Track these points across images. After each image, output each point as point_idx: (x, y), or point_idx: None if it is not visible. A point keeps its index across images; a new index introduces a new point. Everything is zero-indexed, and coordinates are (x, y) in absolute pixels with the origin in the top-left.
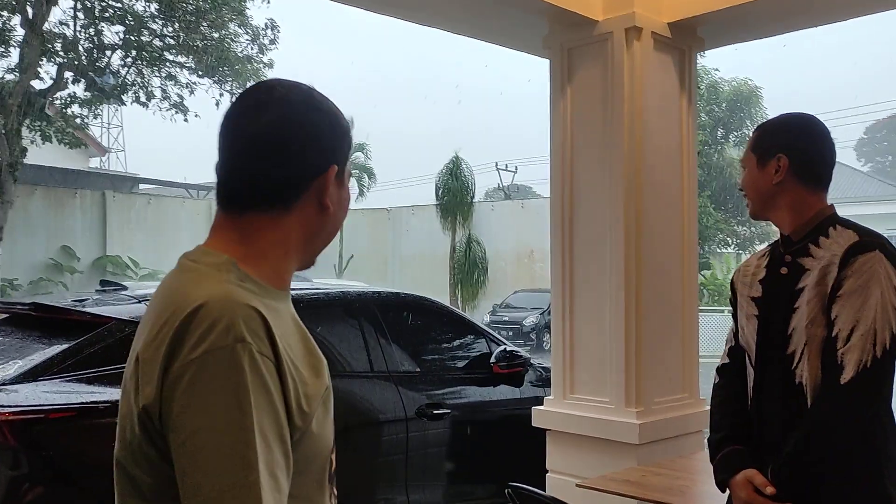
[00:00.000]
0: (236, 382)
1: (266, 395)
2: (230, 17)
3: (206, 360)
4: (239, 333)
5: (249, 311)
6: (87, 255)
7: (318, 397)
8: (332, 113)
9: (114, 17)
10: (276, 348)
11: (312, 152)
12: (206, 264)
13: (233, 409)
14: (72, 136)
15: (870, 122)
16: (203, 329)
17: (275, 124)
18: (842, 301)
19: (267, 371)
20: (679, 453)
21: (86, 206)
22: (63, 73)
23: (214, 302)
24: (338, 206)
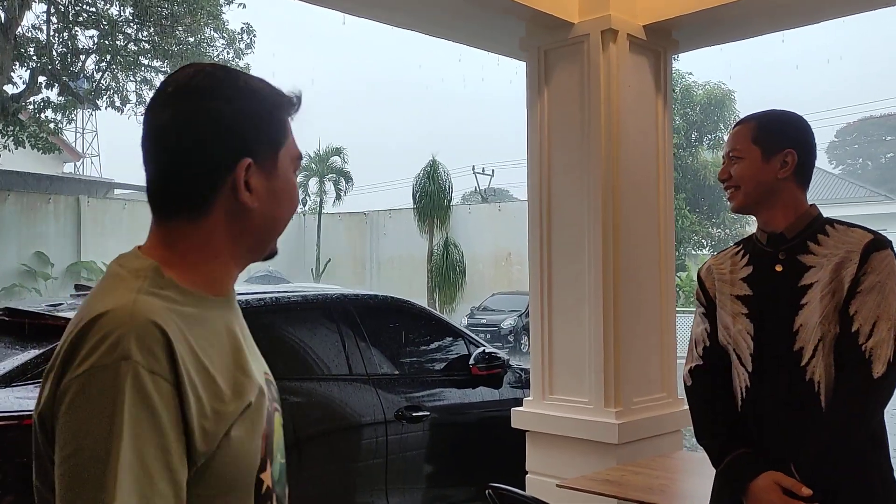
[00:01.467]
0: (112, 405)
1: (151, 419)
2: (206, 22)
3: (87, 378)
4: (125, 350)
5: (146, 326)
6: (60, 261)
7: (232, 416)
8: (244, 97)
9: (88, 22)
10: (175, 366)
11: (215, 148)
12: (128, 269)
13: (103, 434)
14: (45, 141)
15: (840, 126)
16: (92, 344)
17: (172, 120)
18: (861, 297)
19: (157, 392)
20: (658, 452)
21: (59, 212)
22: (36, 78)
23: (111, 314)
24: (266, 200)
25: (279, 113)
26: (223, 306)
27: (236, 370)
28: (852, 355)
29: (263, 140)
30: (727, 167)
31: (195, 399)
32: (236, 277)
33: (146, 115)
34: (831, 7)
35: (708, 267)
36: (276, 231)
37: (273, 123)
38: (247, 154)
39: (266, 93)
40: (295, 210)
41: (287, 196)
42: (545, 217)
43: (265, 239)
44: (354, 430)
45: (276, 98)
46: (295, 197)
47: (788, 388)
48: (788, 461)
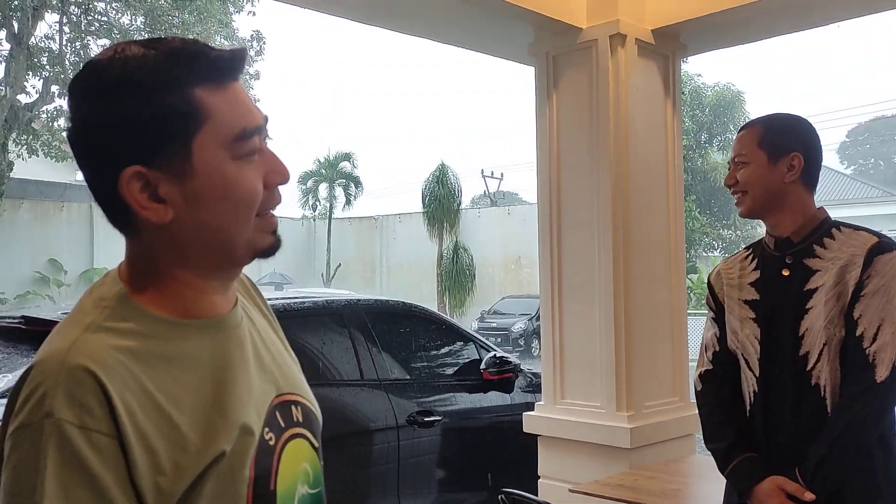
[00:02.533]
0: (34, 470)
1: (85, 479)
2: (216, 30)
3: (14, 439)
4: (49, 407)
5: (79, 376)
6: (74, 267)
7: (198, 468)
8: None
9: (100, 31)
10: (116, 417)
11: (90, 164)
12: (93, 298)
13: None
14: (58, 150)
15: (852, 126)
16: (22, 399)
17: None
18: (865, 300)
19: (93, 449)
20: (671, 457)
21: (72, 219)
22: (49, 87)
23: (43, 363)
24: (187, 206)
25: (174, 95)
26: (210, 330)
27: (213, 411)
28: (856, 359)
29: (154, 138)
30: (733, 172)
31: (146, 452)
32: (224, 289)
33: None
34: (839, 9)
35: (718, 271)
36: (226, 237)
37: (165, 112)
38: (128, 163)
39: (148, 77)
40: (248, 205)
41: (219, 194)
42: (555, 221)
43: (221, 244)
44: (366, 436)
45: (165, 77)
46: (237, 190)
47: (795, 392)
48: (795, 465)
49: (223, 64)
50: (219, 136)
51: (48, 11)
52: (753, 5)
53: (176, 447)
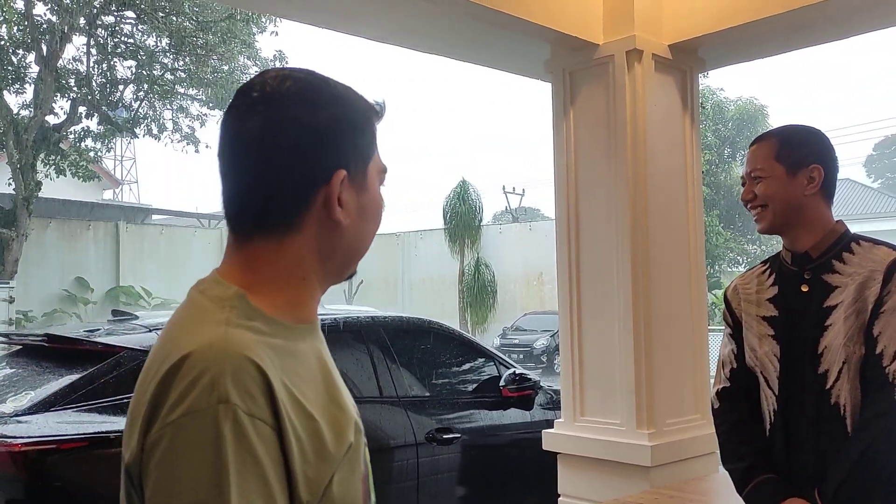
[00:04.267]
0: (215, 454)
1: (255, 466)
2: (239, 51)
3: (182, 425)
4: (223, 393)
5: (243, 364)
6: (100, 286)
7: (336, 460)
8: (337, 103)
9: (126, 53)
10: (276, 407)
11: (308, 158)
12: (210, 298)
13: (208, 486)
14: (85, 170)
15: (879, 139)
16: (184, 386)
17: (260, 129)
18: (885, 317)
19: (259, 437)
20: (692, 475)
21: (99, 238)
22: (77, 108)
23: (202, 352)
24: (357, 215)
25: (370, 122)
26: (310, 334)
27: (332, 406)
28: (876, 378)
29: (356, 151)
30: (750, 187)
31: (297, 443)
32: (313, 309)
33: (225, 124)
34: (857, 24)
35: (734, 287)
36: (362, 249)
37: (366, 133)
38: (342, 165)
39: (358, 100)
40: (379, 226)
41: (375, 212)
42: (573, 237)
43: (351, 258)
44: (386, 453)
45: (367, 106)
46: (381, 211)
47: (815, 411)
48: (815, 487)
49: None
50: (378, 165)
51: (76, 34)
52: (771, 19)
53: (315, 438)
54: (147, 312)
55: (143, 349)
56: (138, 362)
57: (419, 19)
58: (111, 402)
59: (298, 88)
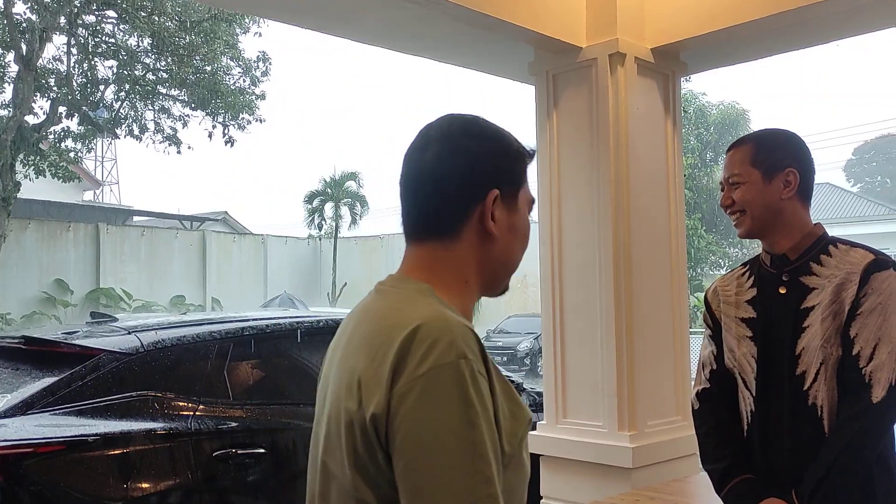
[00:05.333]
0: (464, 397)
1: (485, 412)
2: (222, 51)
3: (433, 375)
4: (461, 350)
5: (465, 330)
6: (80, 287)
7: (526, 422)
8: (494, 139)
9: (107, 53)
10: (488, 367)
11: (470, 178)
12: (406, 290)
13: (464, 423)
14: (65, 170)
15: (858, 143)
16: (426, 347)
17: (435, 157)
18: (862, 319)
19: (484, 389)
20: (674, 476)
21: (79, 239)
22: (57, 108)
23: (432, 321)
24: (507, 232)
25: (521, 157)
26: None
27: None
28: (853, 379)
29: (508, 177)
30: (728, 193)
31: (502, 399)
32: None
33: (408, 157)
34: (837, 28)
35: (714, 289)
36: (511, 265)
37: (517, 165)
38: (495, 185)
39: (512, 139)
40: (526, 249)
41: (522, 232)
42: (556, 240)
43: (503, 270)
44: None
45: (518, 144)
46: (528, 235)
47: (792, 412)
48: (792, 487)
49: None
50: (527, 194)
51: (56, 34)
52: (753, 24)
53: (512, 399)
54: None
55: (122, 351)
56: (117, 365)
57: (403, 21)
58: (89, 404)
59: (464, 125)
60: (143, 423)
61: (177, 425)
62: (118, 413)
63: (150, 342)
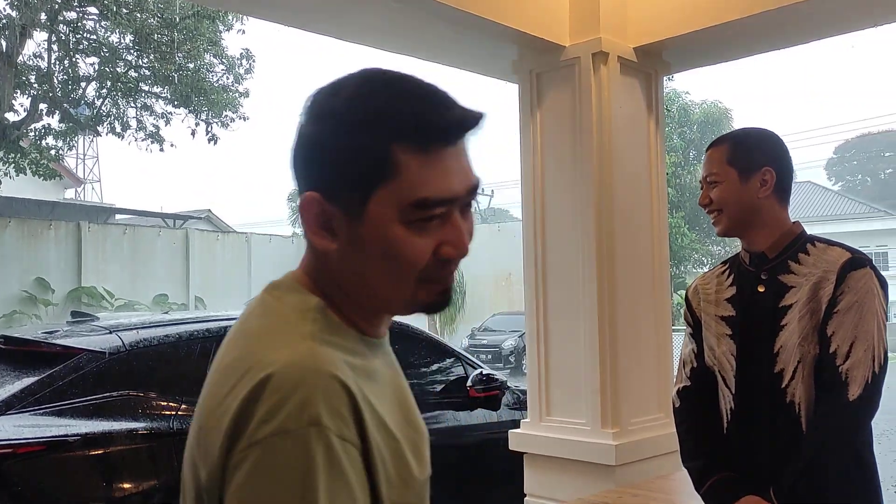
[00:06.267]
0: (305, 476)
1: (346, 492)
2: (205, 48)
3: (271, 444)
4: (314, 414)
5: (331, 384)
6: (61, 286)
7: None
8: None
9: (88, 49)
10: (363, 429)
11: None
12: (290, 307)
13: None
14: (46, 168)
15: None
16: (272, 404)
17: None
18: (838, 317)
19: (349, 461)
20: (657, 473)
21: (60, 238)
22: (37, 105)
23: (289, 369)
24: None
25: (372, 142)
26: (380, 349)
27: (409, 428)
28: (829, 377)
29: (341, 174)
30: (706, 192)
31: (382, 466)
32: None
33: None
34: (818, 28)
35: (695, 287)
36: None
37: (359, 155)
38: (313, 186)
39: (358, 115)
40: (407, 269)
41: (379, 250)
42: (539, 238)
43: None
44: None
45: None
46: (398, 253)
47: (770, 410)
48: (771, 484)
49: (435, 127)
50: (399, 196)
51: (36, 30)
52: (735, 23)
53: (399, 460)
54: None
55: (103, 351)
56: (98, 364)
57: (386, 19)
58: (70, 405)
59: (310, 103)
60: (124, 423)
61: (159, 425)
62: (99, 413)
63: (132, 342)
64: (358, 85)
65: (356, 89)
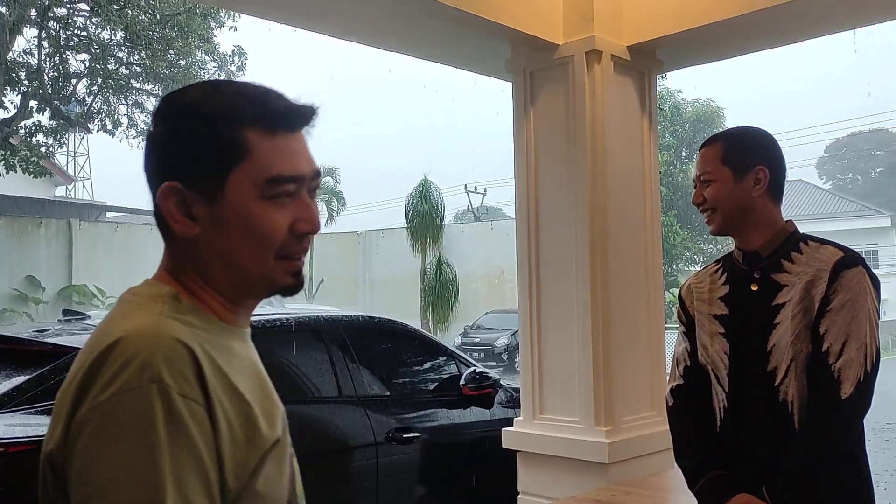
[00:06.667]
0: (147, 431)
1: (189, 445)
2: (197, 45)
3: (114, 403)
4: (156, 372)
5: (175, 346)
6: (52, 285)
7: (265, 445)
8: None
9: (79, 46)
10: (207, 390)
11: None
12: (143, 297)
13: (142, 462)
14: (36, 165)
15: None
16: (116, 368)
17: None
18: (831, 316)
19: (191, 417)
20: (650, 471)
21: (51, 236)
22: (28, 102)
23: (133, 336)
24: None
25: (225, 129)
26: (239, 337)
27: (264, 398)
28: (822, 375)
29: (197, 161)
30: (700, 191)
31: (227, 425)
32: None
33: None
34: (812, 27)
35: (688, 286)
36: (241, 266)
37: (213, 141)
38: (171, 178)
39: (208, 108)
40: (267, 242)
41: (241, 225)
42: (533, 236)
43: (235, 276)
44: (345, 453)
45: (223, 111)
46: (258, 226)
47: (764, 408)
48: (764, 482)
49: (278, 113)
50: (254, 174)
51: (27, 26)
52: (728, 22)
53: (249, 423)
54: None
55: None
56: None
57: (380, 17)
58: None
59: (160, 105)
60: None
61: None
62: None
63: None
64: (202, 87)
65: (202, 89)
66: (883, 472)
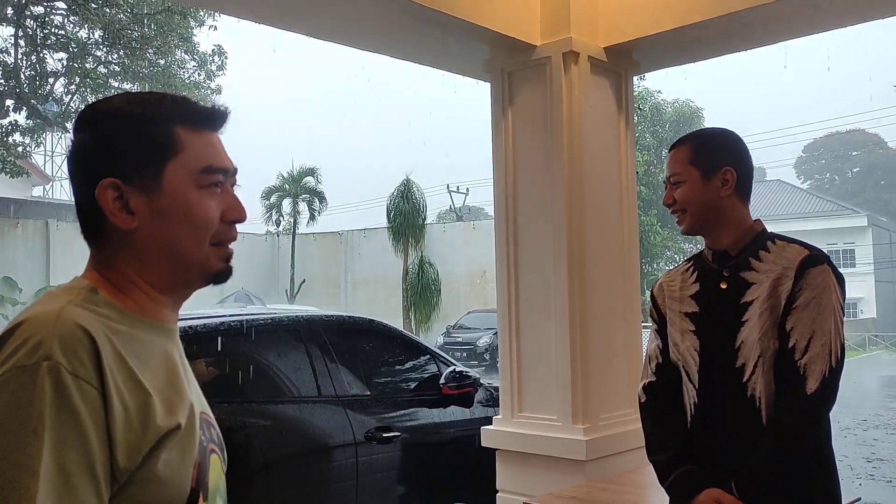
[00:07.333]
0: (30, 407)
1: (74, 423)
2: (177, 44)
3: (4, 380)
4: (47, 352)
5: (73, 329)
6: (29, 285)
7: (161, 431)
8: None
9: (56, 45)
10: (102, 373)
11: (80, 175)
12: (62, 289)
13: (19, 435)
14: (13, 165)
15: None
16: (14, 346)
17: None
18: (797, 313)
19: (81, 397)
20: (627, 468)
21: (28, 236)
22: (4, 101)
23: (34, 319)
24: (151, 220)
25: (157, 127)
26: (160, 332)
27: (169, 389)
28: (788, 371)
29: (133, 157)
30: (671, 192)
31: (122, 408)
32: (174, 306)
33: None
34: (789, 28)
35: (660, 284)
36: (184, 251)
37: (147, 139)
38: (107, 174)
39: (138, 110)
40: (204, 228)
41: (180, 213)
42: (511, 236)
43: (175, 264)
44: (324, 452)
45: (152, 112)
46: (196, 213)
47: (733, 404)
48: (733, 477)
49: (202, 113)
50: (188, 166)
51: (2, 24)
52: (703, 24)
53: (145, 409)
54: None
55: None
56: None
57: (358, 17)
58: None
59: (82, 114)
60: None
61: None
62: None
63: None
64: (124, 94)
65: (125, 96)
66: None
